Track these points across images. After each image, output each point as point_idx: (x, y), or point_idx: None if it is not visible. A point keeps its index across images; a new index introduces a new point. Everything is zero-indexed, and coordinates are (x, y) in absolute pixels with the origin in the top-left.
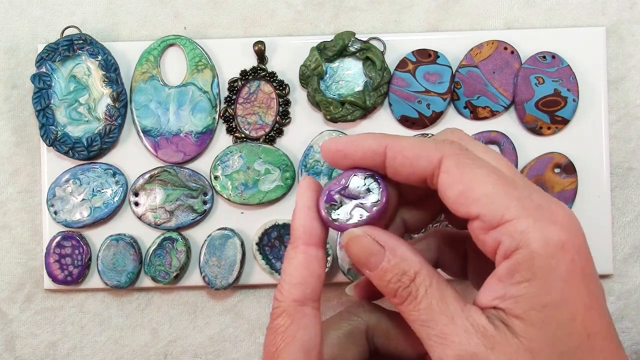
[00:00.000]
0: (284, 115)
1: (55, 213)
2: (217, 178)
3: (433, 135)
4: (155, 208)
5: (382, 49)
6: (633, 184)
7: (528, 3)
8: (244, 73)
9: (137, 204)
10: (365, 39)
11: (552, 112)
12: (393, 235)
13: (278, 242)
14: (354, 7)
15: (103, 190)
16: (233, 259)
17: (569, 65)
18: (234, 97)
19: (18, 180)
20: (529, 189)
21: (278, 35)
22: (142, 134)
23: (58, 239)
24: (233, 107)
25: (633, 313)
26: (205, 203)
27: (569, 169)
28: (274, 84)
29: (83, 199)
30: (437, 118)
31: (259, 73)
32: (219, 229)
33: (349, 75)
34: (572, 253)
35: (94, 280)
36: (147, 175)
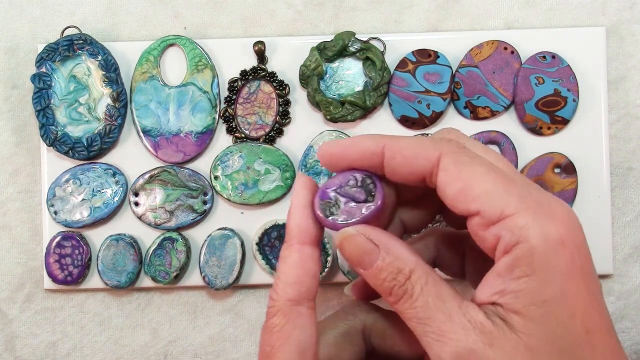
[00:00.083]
0: (284, 115)
1: (55, 213)
2: (217, 178)
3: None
4: (155, 208)
5: (382, 49)
6: (633, 184)
7: (528, 3)
8: (244, 73)
9: (137, 204)
10: (365, 39)
11: (552, 112)
12: (387, 234)
13: (278, 242)
14: (354, 7)
15: (103, 190)
16: (233, 259)
17: (569, 65)
18: (234, 97)
19: (18, 180)
20: (528, 187)
21: (278, 35)
22: (142, 134)
23: (58, 239)
24: (233, 107)
25: (633, 313)
26: (205, 203)
27: (569, 169)
28: (274, 84)
29: (83, 199)
30: (437, 118)
31: (259, 73)
32: (219, 229)
33: (349, 75)
34: (571, 249)
35: (94, 280)
36: (147, 175)
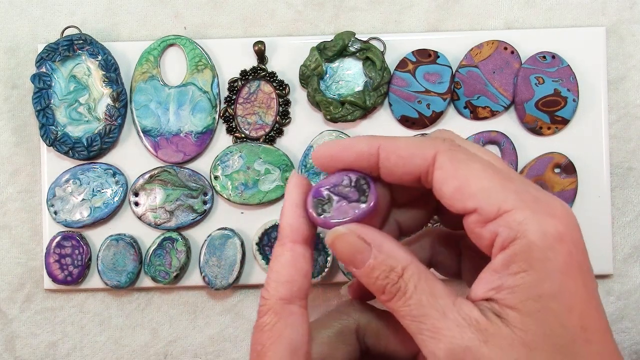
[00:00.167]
0: (284, 115)
1: (55, 213)
2: (217, 178)
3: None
4: (155, 208)
5: (382, 49)
6: (633, 184)
7: (528, 3)
8: (244, 73)
9: (137, 204)
10: (365, 39)
11: (552, 112)
12: (379, 232)
13: None
14: (354, 7)
15: (103, 190)
16: (233, 259)
17: (569, 65)
18: (234, 97)
19: (18, 180)
20: (525, 184)
21: (278, 35)
22: (142, 134)
23: (58, 239)
24: (233, 107)
25: (633, 313)
26: (205, 203)
27: (569, 169)
28: (274, 84)
29: (83, 199)
30: (437, 118)
31: (259, 73)
32: (219, 229)
33: (349, 75)
34: (569, 245)
35: (94, 280)
36: (147, 175)
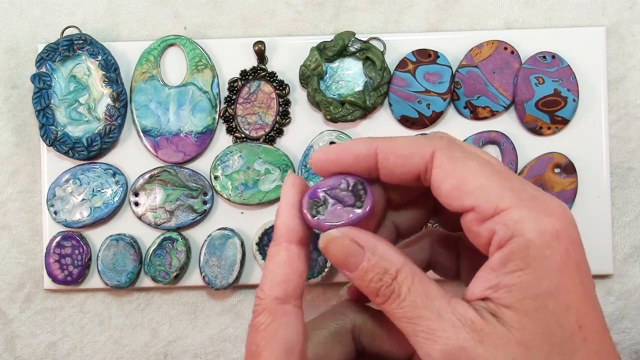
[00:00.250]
0: (284, 115)
1: (55, 213)
2: (217, 178)
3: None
4: (155, 208)
5: (382, 49)
6: (633, 184)
7: (528, 3)
8: (244, 73)
9: (137, 204)
10: (365, 39)
11: (552, 112)
12: (372, 235)
13: None
14: (354, 7)
15: (103, 190)
16: (233, 259)
17: (569, 65)
18: (234, 97)
19: (18, 180)
20: (523, 183)
21: (278, 35)
22: (142, 134)
23: (58, 239)
24: (233, 107)
25: (633, 313)
26: (205, 203)
27: (569, 169)
28: (274, 84)
29: (83, 199)
30: (437, 118)
31: (259, 73)
32: (219, 229)
33: (349, 75)
34: (566, 244)
35: (94, 280)
36: (147, 175)
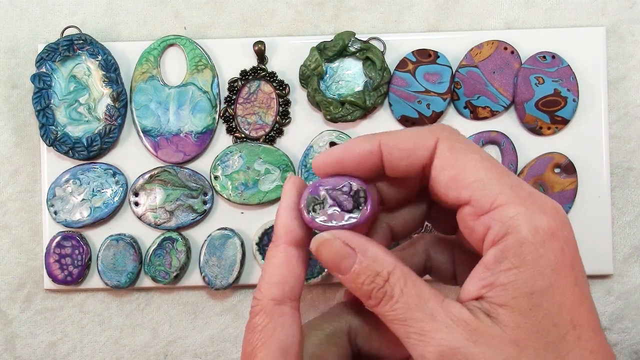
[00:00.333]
0: (284, 115)
1: (55, 213)
2: (217, 178)
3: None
4: (155, 208)
5: (382, 49)
6: (633, 184)
7: (528, 3)
8: (244, 73)
9: (137, 204)
10: (365, 39)
11: (552, 112)
12: (364, 237)
13: None
14: (354, 7)
15: (103, 190)
16: (233, 259)
17: (569, 65)
18: (234, 97)
19: (18, 180)
20: (520, 180)
21: (278, 35)
22: (142, 134)
23: (58, 239)
24: (233, 107)
25: (633, 313)
26: (205, 203)
27: (569, 169)
28: (274, 84)
29: (83, 199)
30: (437, 118)
31: (259, 73)
32: (219, 229)
33: (349, 75)
34: (561, 242)
35: (94, 280)
36: (147, 175)
